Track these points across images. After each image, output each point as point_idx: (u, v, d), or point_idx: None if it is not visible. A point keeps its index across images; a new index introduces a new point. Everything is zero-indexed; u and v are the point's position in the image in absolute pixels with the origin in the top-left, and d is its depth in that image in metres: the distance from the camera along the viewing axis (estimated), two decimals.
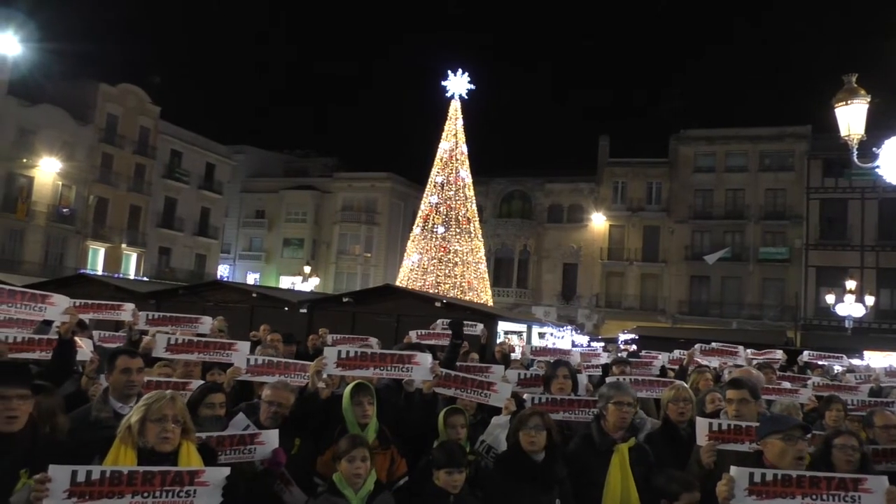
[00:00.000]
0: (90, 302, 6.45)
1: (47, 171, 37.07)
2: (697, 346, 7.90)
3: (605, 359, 8.38)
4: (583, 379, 6.31)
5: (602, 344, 21.32)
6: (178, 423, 3.15)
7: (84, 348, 5.22)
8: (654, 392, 6.00)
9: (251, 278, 50.35)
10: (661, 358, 8.22)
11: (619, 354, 10.64)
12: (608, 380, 6.09)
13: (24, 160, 36.21)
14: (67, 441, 3.50)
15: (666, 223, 43.72)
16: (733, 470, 3.22)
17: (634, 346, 19.61)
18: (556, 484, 4.03)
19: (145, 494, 2.81)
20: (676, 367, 7.95)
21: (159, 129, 44.64)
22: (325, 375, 4.59)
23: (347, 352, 4.69)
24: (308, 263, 45.89)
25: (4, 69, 34.90)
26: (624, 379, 5.96)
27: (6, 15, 35.30)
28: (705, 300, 41.96)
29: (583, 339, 23.75)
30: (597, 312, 44.35)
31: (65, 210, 38.38)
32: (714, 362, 7.75)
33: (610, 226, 44.96)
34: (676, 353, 8.67)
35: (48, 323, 6.06)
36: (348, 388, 4.38)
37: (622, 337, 24.06)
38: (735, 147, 42.89)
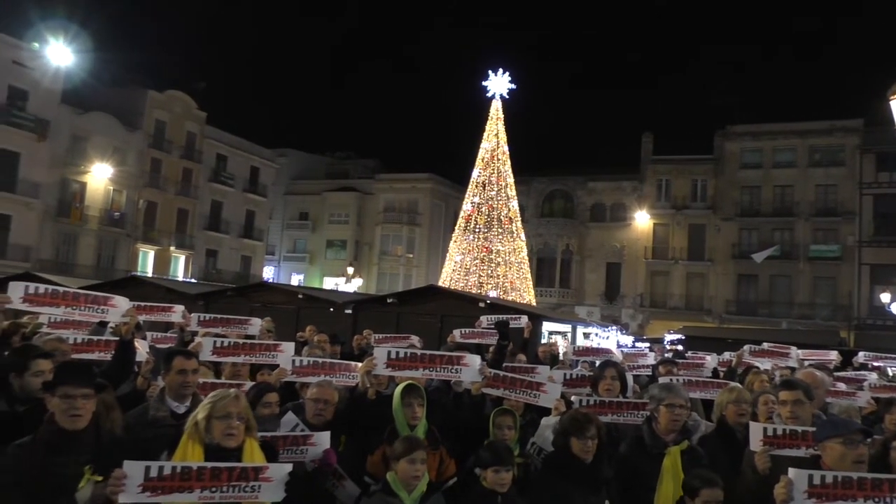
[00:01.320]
0: (143, 304, 6.59)
1: (99, 176, 38.20)
2: (747, 346, 7.71)
3: (652, 359, 8.24)
4: (629, 380, 6.23)
5: (647, 344, 21.00)
6: (242, 420, 3.25)
7: (140, 350, 5.34)
8: (707, 393, 5.89)
9: (295, 279, 51.05)
10: (711, 359, 8.05)
11: (665, 355, 10.47)
12: (661, 380, 5.99)
13: (79, 166, 37.38)
14: (128, 439, 3.59)
15: (712, 221, 42.90)
16: (791, 472, 3.14)
17: (681, 347, 19.29)
18: (605, 485, 3.99)
19: (213, 489, 2.94)
20: (725, 368, 7.80)
21: (205, 134, 45.55)
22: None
23: (397, 352, 4.72)
24: (351, 264, 46.33)
25: (57, 78, 36.06)
26: (674, 380, 5.87)
27: (59, 26, 36.56)
28: (753, 299, 41.03)
29: (627, 340, 23.44)
30: (641, 312, 43.73)
31: (116, 214, 39.47)
32: (765, 363, 7.57)
33: (654, 224, 44.30)
34: (726, 354, 8.50)
35: (103, 324, 6.24)
36: (398, 388, 4.41)
37: (668, 337, 23.65)
38: (783, 142, 41.85)
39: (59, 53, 35.50)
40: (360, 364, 5.25)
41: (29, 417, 3.74)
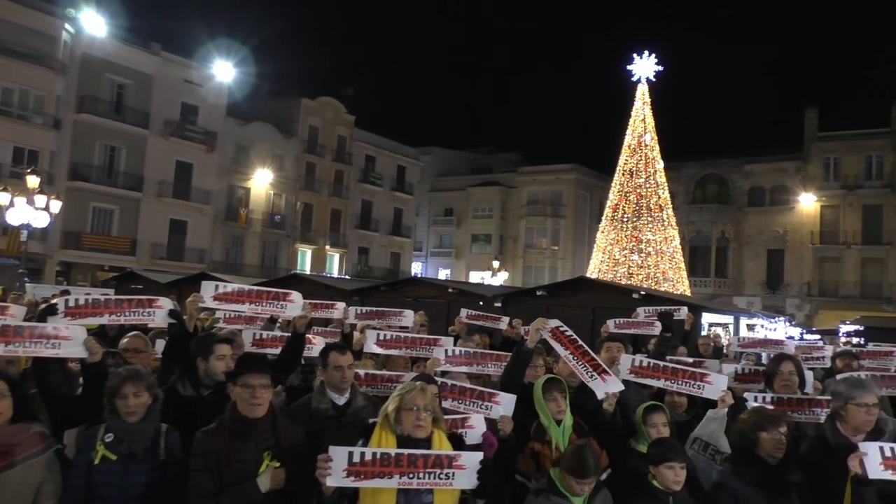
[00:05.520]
0: (310, 301, 6.95)
1: (261, 182, 41.12)
2: None
3: (829, 352, 7.59)
4: (808, 375, 5.74)
5: (818, 336, 19.48)
6: (429, 411, 3.35)
7: (317, 345, 5.61)
8: None
9: (442, 274, 52.16)
10: None
11: (843, 347, 9.61)
12: (840, 376, 5.47)
13: (243, 173, 40.38)
14: (301, 428, 3.77)
15: (891, 201, 39.08)
16: None
17: (858, 339, 17.71)
18: (793, 489, 3.67)
19: (411, 476, 3.09)
20: None
21: (354, 137, 47.62)
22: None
23: (640, 361, 4.82)
24: (496, 258, 46.56)
25: (222, 93, 39.12)
26: (857, 374, 5.34)
27: (222, 45, 39.65)
28: None
29: (795, 332, 21.78)
30: (808, 302, 40.65)
31: (277, 217, 42.21)
32: None
33: (821, 207, 41.06)
34: None
35: (273, 320, 6.64)
36: (539, 381, 4.32)
37: (843, 328, 21.77)
38: None
39: (223, 70, 38.58)
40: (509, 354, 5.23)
41: (212, 402, 4.04)
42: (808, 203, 41.06)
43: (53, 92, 31.75)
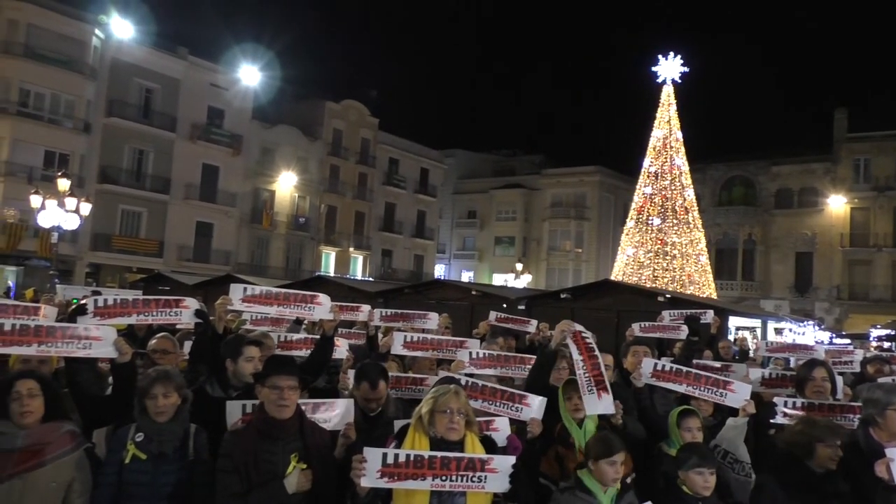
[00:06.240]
0: (336, 304, 6.97)
1: (285, 184, 41.44)
2: None
3: (859, 356, 7.48)
4: (839, 381, 5.65)
5: (847, 341, 19.15)
6: (462, 414, 3.35)
7: (341, 347, 5.64)
8: None
9: (465, 276, 52.16)
10: None
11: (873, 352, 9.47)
12: (881, 379, 5.38)
13: (268, 176, 40.70)
14: (328, 432, 3.78)
15: None
16: None
17: (889, 343, 17.42)
18: (836, 498, 3.62)
19: (444, 478, 3.11)
20: None
21: (378, 140, 47.80)
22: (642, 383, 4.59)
23: (663, 366, 4.72)
24: (519, 260, 46.45)
25: (248, 97, 39.50)
26: (892, 379, 5.26)
27: (248, 49, 40.06)
28: None
29: (824, 336, 21.44)
30: (838, 306, 39.98)
31: (301, 219, 42.48)
32: None
33: (851, 209, 40.38)
34: None
35: (299, 322, 6.65)
36: (562, 383, 4.31)
37: (874, 333, 21.40)
38: None
39: (249, 74, 38.99)
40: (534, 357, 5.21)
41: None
42: (837, 205, 40.43)
43: (83, 96, 32.34)
